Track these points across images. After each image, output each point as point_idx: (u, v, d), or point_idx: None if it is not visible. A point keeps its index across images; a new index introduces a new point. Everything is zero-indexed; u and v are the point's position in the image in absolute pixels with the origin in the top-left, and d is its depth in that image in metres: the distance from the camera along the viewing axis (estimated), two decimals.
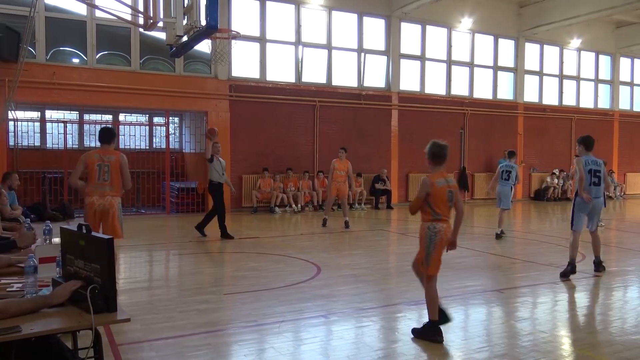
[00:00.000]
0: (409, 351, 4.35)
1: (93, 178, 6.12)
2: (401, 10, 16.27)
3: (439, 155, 4.65)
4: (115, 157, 6.19)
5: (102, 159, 6.14)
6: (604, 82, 21.89)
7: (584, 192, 6.87)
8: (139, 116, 16.37)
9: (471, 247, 9.48)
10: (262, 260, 8.22)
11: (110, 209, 6.11)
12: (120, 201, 6.26)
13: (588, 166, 6.96)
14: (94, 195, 6.10)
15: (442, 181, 4.58)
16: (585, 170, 6.93)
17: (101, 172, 6.09)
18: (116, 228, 6.10)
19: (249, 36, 14.55)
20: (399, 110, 17.07)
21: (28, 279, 2.87)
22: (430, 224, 4.59)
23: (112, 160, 6.13)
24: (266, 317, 5.16)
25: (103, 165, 6.11)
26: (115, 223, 6.13)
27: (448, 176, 4.68)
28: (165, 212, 14.48)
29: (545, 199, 19.20)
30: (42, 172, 13.80)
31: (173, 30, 7.93)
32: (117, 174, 6.13)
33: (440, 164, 4.66)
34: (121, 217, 6.26)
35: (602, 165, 7.12)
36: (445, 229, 4.58)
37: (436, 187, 4.54)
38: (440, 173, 4.64)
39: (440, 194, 4.54)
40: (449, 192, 4.58)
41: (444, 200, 4.55)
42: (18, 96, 11.90)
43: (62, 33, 13.32)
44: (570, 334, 4.89)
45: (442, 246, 4.61)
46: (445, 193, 4.55)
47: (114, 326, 4.47)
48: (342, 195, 11.97)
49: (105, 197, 6.09)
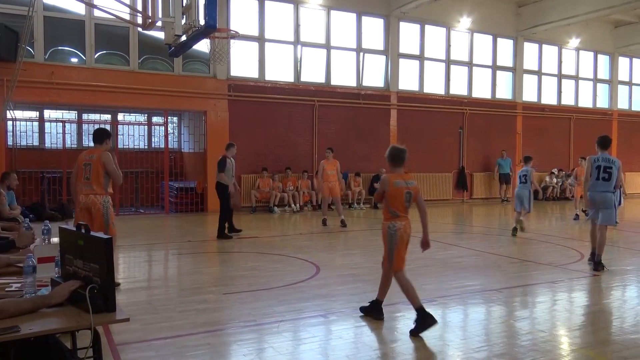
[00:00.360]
0: (407, 351, 4.35)
1: (80, 177, 6.33)
2: (400, 9, 16.28)
3: (397, 157, 4.98)
4: (96, 155, 6.27)
5: (87, 158, 6.31)
6: (603, 81, 21.92)
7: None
8: (137, 116, 16.36)
9: (470, 247, 9.49)
10: (261, 259, 8.22)
11: (92, 207, 6.21)
12: (107, 199, 6.30)
13: (597, 162, 7.38)
14: (80, 193, 6.28)
15: (401, 182, 4.87)
16: (594, 167, 7.38)
17: (85, 171, 6.26)
18: (102, 226, 6.15)
19: (248, 36, 14.55)
20: (398, 109, 17.08)
21: (27, 279, 2.87)
22: (390, 223, 4.89)
23: (94, 159, 6.24)
24: (265, 316, 5.16)
25: (87, 165, 6.27)
26: (100, 221, 6.19)
27: (408, 178, 4.94)
28: (164, 211, 14.48)
29: (544, 199, 19.21)
30: (40, 172, 13.79)
31: (172, 30, 7.94)
32: (98, 172, 6.20)
33: (399, 166, 4.98)
34: (107, 214, 6.27)
35: (614, 162, 7.38)
36: (404, 227, 4.87)
37: (393, 187, 4.84)
38: (399, 174, 4.94)
39: (397, 194, 4.83)
40: (407, 193, 4.85)
41: (401, 200, 4.83)
42: (16, 96, 11.88)
43: (61, 32, 13.31)
44: (569, 333, 4.90)
45: (404, 242, 4.89)
46: (402, 194, 4.83)
47: (113, 326, 4.47)
48: (335, 194, 12.00)
49: (88, 195, 6.22)
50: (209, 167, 14.43)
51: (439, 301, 5.82)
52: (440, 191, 17.90)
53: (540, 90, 20.18)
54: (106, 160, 6.24)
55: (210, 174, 14.44)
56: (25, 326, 2.42)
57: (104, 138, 6.42)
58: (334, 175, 11.95)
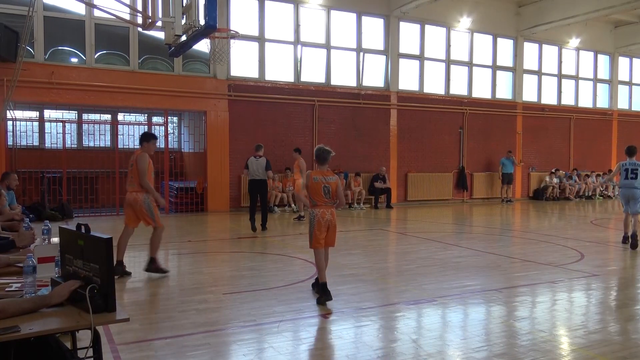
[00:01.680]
0: (407, 350, 4.35)
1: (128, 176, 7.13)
2: (400, 9, 16.28)
3: (320, 157, 5.95)
4: (135, 156, 6.97)
5: (132, 159, 7.04)
6: (603, 81, 21.92)
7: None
8: (137, 116, 16.36)
9: (470, 247, 9.49)
10: (261, 259, 8.22)
11: (134, 204, 6.88)
12: (146, 196, 6.86)
13: (624, 166, 9.49)
14: (127, 191, 7.02)
15: (319, 178, 5.83)
16: (622, 169, 9.52)
17: (130, 170, 7.00)
18: (145, 219, 6.90)
19: (248, 36, 14.56)
20: (398, 109, 17.08)
21: (27, 279, 2.87)
22: (312, 210, 5.86)
23: (133, 160, 6.95)
24: (265, 316, 5.16)
25: (131, 165, 6.98)
26: (145, 216, 6.89)
27: (328, 175, 5.90)
28: (164, 211, 14.46)
29: (544, 199, 19.22)
30: (40, 172, 13.80)
31: (172, 30, 7.94)
32: (135, 171, 6.84)
33: (322, 164, 5.95)
34: (150, 209, 6.87)
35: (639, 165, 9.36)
36: (321, 213, 5.80)
37: (312, 181, 5.81)
38: (320, 171, 5.93)
39: (316, 187, 5.80)
40: (325, 187, 5.81)
41: (319, 192, 5.80)
42: (17, 96, 11.89)
43: (61, 32, 13.31)
44: (569, 333, 4.90)
45: (320, 226, 5.80)
46: (320, 188, 5.80)
47: (113, 326, 4.47)
48: None
49: (132, 193, 6.92)
50: (209, 167, 14.46)
51: (439, 301, 5.82)
52: (440, 191, 17.90)
53: (540, 90, 20.19)
54: (139, 160, 6.82)
55: (210, 174, 14.47)
56: (25, 326, 2.42)
57: (142, 140, 7.06)
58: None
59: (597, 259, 8.49)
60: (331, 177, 5.89)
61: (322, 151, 5.94)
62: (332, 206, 5.88)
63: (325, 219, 5.79)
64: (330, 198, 5.84)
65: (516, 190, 19.44)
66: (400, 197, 17.22)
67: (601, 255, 8.96)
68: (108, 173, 14.32)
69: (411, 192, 17.36)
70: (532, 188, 19.87)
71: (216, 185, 14.51)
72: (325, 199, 5.79)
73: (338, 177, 6.05)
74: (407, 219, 13.90)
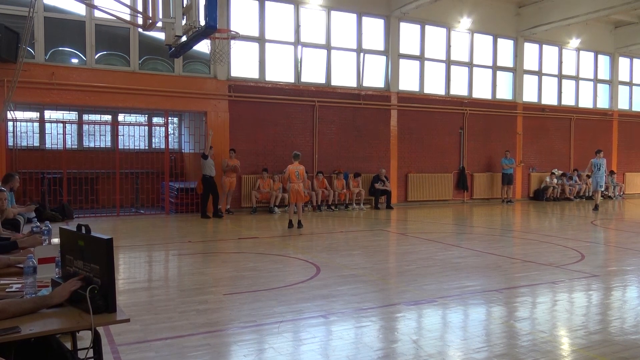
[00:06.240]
0: (408, 351, 4.35)
1: None
2: (400, 10, 16.28)
3: (295, 157, 11.32)
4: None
5: None
6: (603, 81, 21.91)
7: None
8: (138, 116, 16.35)
9: (470, 247, 9.49)
10: (261, 260, 8.22)
11: None
12: None
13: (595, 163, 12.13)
14: None
15: (293, 167, 11.12)
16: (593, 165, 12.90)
17: None
18: None
19: (248, 36, 14.56)
20: (398, 110, 17.08)
21: (27, 280, 2.87)
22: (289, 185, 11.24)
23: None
24: (266, 317, 5.16)
25: None
26: None
27: (298, 166, 11.26)
28: (164, 212, 14.48)
29: (545, 199, 19.21)
30: (41, 173, 13.80)
31: (172, 31, 7.93)
32: None
33: (295, 160, 11.26)
34: None
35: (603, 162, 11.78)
36: (292, 187, 11.20)
37: (290, 170, 11.15)
38: (295, 164, 11.20)
39: (291, 174, 11.13)
40: (296, 172, 11.14)
41: (293, 176, 11.09)
42: (17, 96, 11.89)
43: (61, 33, 13.32)
44: (569, 334, 4.90)
45: (293, 192, 11.24)
46: (294, 173, 11.11)
47: (114, 326, 4.47)
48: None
49: None
50: None
51: (439, 301, 5.82)
52: (441, 191, 17.89)
53: (540, 91, 20.18)
54: None
55: None
56: (26, 327, 2.42)
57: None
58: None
59: (597, 259, 8.49)
60: (300, 166, 11.33)
61: (296, 154, 11.46)
62: (300, 183, 11.19)
63: (295, 189, 11.22)
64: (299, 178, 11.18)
65: (516, 190, 19.44)
66: (401, 198, 17.22)
67: (601, 255, 8.97)
68: (108, 174, 14.32)
69: (411, 192, 17.36)
70: (533, 188, 19.86)
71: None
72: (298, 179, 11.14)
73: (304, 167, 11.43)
74: (407, 220, 13.90)
